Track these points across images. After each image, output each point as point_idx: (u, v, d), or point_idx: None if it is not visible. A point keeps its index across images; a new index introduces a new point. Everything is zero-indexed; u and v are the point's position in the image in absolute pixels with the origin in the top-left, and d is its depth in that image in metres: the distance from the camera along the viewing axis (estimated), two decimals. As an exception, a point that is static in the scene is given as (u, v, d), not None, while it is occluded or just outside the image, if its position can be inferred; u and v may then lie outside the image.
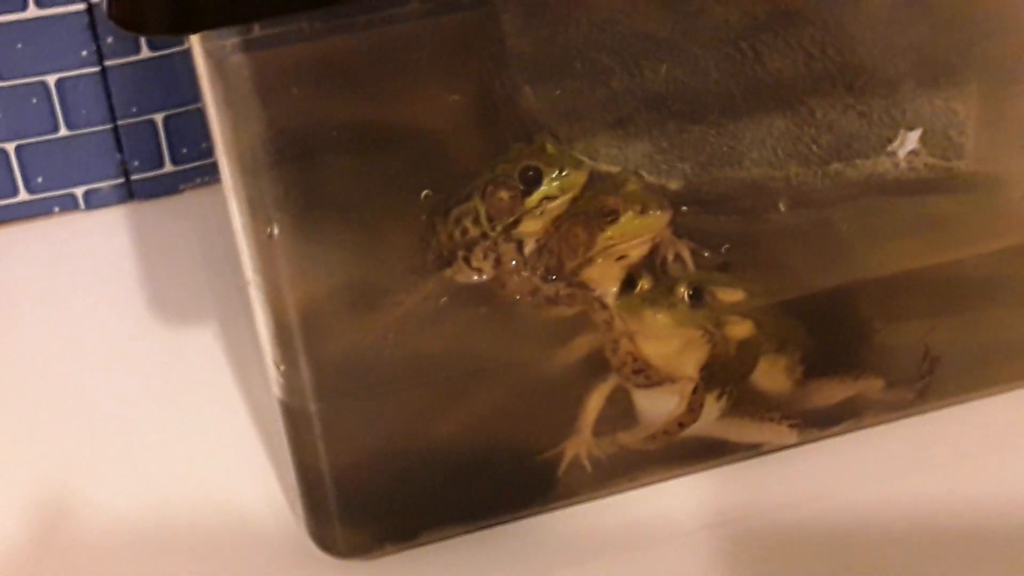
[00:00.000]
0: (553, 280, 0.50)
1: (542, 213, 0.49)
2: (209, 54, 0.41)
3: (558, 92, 0.54)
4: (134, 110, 0.66)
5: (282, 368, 0.47)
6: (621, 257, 0.50)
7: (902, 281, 0.55)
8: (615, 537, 0.55)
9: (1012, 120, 0.57)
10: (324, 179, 0.44)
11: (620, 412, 0.54)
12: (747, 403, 0.55)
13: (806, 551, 0.55)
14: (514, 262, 0.50)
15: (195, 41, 0.40)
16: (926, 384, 0.57)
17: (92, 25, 0.63)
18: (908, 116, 0.55)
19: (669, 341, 0.52)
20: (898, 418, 0.58)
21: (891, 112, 0.56)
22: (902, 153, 0.52)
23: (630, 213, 0.49)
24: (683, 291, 0.50)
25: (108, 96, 0.65)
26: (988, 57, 0.57)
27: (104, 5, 0.36)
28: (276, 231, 0.43)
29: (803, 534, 0.55)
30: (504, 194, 0.49)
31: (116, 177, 0.68)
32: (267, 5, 0.37)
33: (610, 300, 0.51)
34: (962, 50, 0.57)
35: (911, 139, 0.52)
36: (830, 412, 0.57)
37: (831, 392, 0.57)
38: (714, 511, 0.56)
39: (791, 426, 0.57)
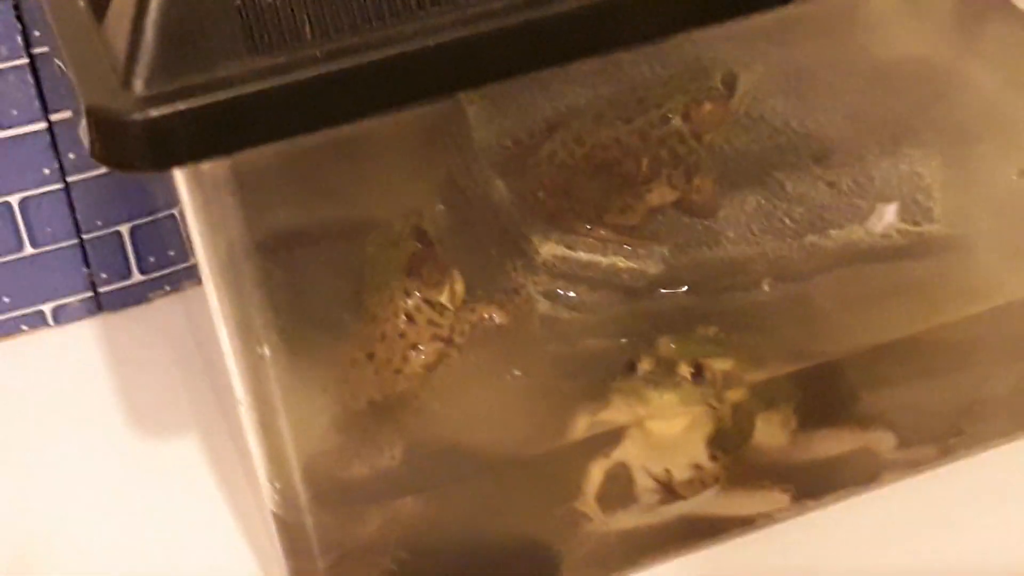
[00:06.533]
0: None
1: None
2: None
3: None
4: (99, 223, 0.65)
5: (277, 486, 0.47)
6: None
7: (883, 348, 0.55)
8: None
9: (975, 180, 0.57)
10: (312, 293, 0.44)
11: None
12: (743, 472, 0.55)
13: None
14: None
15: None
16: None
17: (54, 142, 0.62)
18: (876, 183, 0.56)
19: (676, 420, 0.52)
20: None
21: (858, 180, 0.56)
22: (880, 227, 0.53)
23: None
24: (684, 369, 0.50)
25: (72, 211, 0.64)
26: (945, 119, 0.58)
27: (87, 145, 0.36)
28: (267, 351, 0.43)
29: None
30: None
31: (84, 291, 0.67)
32: (243, 137, 0.37)
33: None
34: (920, 113, 0.58)
35: (889, 212, 0.53)
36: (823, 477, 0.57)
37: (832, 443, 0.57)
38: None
39: (783, 490, 0.57)
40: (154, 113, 0.35)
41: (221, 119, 0.36)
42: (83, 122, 0.36)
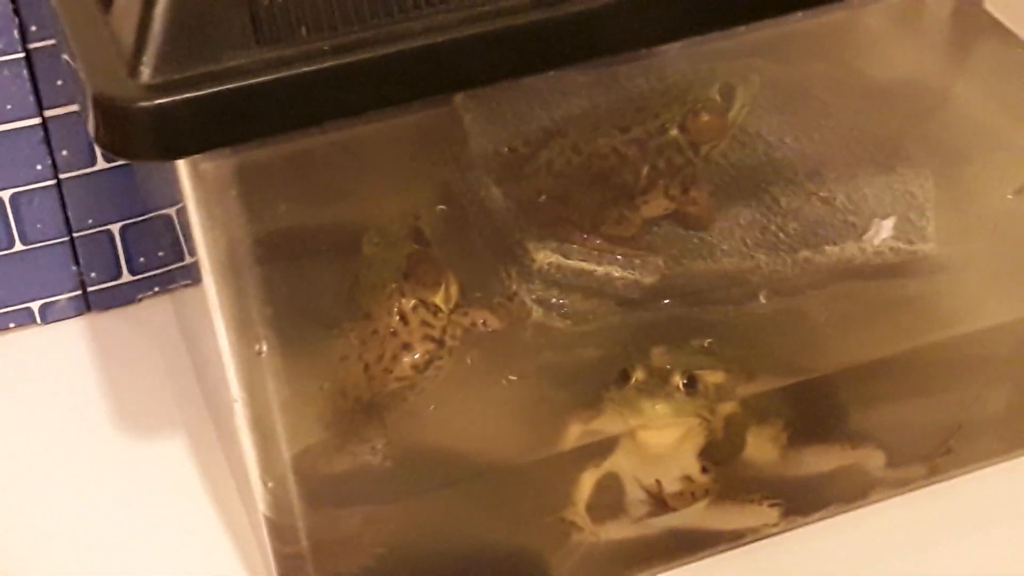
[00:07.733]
0: None
1: None
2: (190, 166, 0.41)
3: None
4: (90, 221, 0.65)
5: (270, 485, 0.46)
6: None
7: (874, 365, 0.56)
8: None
9: (969, 200, 0.58)
10: (309, 291, 0.44)
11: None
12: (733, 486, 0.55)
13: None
14: None
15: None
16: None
17: (47, 139, 0.62)
18: (870, 201, 0.56)
19: (669, 431, 0.52)
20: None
21: (852, 198, 0.57)
22: (877, 241, 0.53)
23: None
24: (678, 380, 0.50)
25: (64, 209, 0.64)
26: (939, 138, 0.59)
27: (91, 132, 0.36)
28: (264, 348, 0.43)
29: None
30: None
31: (73, 289, 0.67)
32: (248, 128, 0.37)
33: None
34: (914, 132, 0.59)
35: (885, 227, 0.53)
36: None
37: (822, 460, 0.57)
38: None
39: (771, 505, 0.56)
40: (160, 101, 0.35)
41: (227, 109, 0.36)
42: (89, 110, 0.36)
